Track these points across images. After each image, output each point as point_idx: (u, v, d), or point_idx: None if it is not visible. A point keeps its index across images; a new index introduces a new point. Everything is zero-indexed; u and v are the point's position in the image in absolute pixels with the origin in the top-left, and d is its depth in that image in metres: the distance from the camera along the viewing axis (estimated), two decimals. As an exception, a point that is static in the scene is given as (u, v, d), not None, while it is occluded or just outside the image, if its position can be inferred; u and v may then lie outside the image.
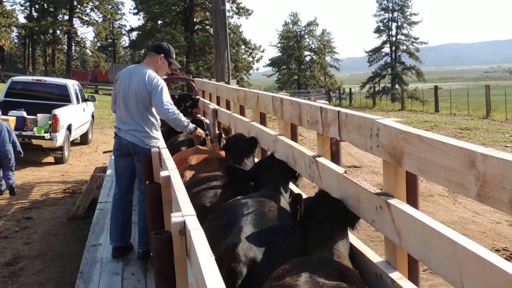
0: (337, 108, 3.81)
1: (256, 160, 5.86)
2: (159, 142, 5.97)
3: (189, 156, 5.96)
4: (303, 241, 3.39)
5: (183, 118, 6.14)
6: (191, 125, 6.22)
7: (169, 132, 7.96)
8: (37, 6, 61.04)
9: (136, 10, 62.07)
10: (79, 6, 62.17)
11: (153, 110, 6.09)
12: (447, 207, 10.17)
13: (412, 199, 3.05)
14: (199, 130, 6.17)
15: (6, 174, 11.84)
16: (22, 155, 12.70)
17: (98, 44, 69.54)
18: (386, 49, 73.20)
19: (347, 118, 3.56)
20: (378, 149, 3.10)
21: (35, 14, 60.27)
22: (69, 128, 16.27)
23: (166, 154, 4.77)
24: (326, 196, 3.66)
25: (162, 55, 6.26)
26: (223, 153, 5.88)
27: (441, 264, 2.41)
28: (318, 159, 4.12)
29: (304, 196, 3.98)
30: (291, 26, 79.41)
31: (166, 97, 6.01)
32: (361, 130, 3.31)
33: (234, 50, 57.58)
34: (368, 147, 3.23)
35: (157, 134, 6.14)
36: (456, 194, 10.85)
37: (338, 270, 2.88)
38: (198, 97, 11.11)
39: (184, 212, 2.81)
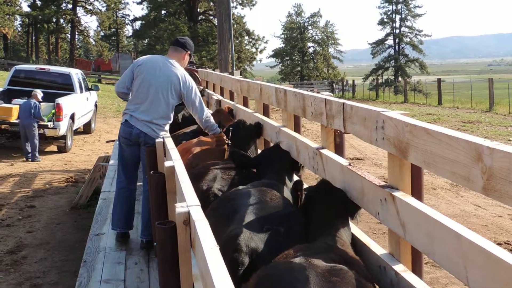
0: (342, 100, 3.80)
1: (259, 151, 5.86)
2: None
3: (192, 147, 5.97)
4: (305, 229, 3.41)
5: (213, 121, 6.25)
6: (218, 128, 6.23)
7: (179, 126, 7.91)
8: (40, -5, 60.99)
9: (139, 0, 61.95)
10: (82, -5, 62.13)
11: (173, 107, 6.15)
12: (449, 200, 10.17)
13: (416, 192, 3.05)
14: (224, 136, 6.03)
15: (30, 144, 14.61)
16: (40, 117, 14.86)
17: (102, 33, 69.44)
18: (390, 41, 72.89)
19: (352, 110, 3.55)
20: (383, 141, 3.09)
21: (38, 2, 60.13)
22: (72, 117, 16.29)
23: (170, 144, 4.77)
24: (328, 185, 3.68)
25: (189, 52, 6.40)
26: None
27: (446, 257, 2.41)
28: (322, 151, 4.12)
29: (306, 185, 3.98)
30: (294, 17, 79.14)
31: (200, 98, 6.20)
32: (366, 122, 3.31)
33: (237, 41, 57.45)
34: (373, 139, 3.23)
35: (167, 128, 6.20)
36: (459, 187, 10.85)
37: (342, 257, 2.89)
38: (201, 87, 11.09)
39: (189, 203, 2.81)
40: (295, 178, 4.93)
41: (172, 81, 5.99)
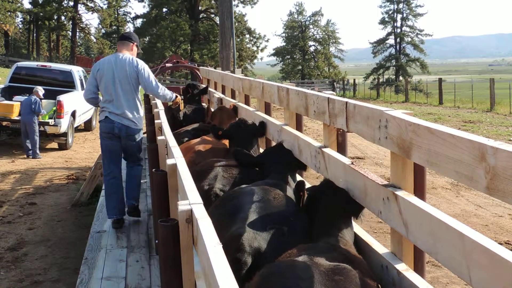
0: (345, 99, 3.80)
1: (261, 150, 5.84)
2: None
3: (194, 146, 5.97)
4: (308, 229, 3.40)
5: (168, 92, 7.19)
6: (173, 95, 7.30)
7: (180, 124, 7.93)
8: (42, -8, 60.90)
9: (141, -3, 61.94)
10: (84, -8, 62.05)
11: (138, 91, 6.93)
12: (450, 200, 10.17)
13: (419, 191, 3.05)
14: (179, 98, 7.37)
15: (30, 141, 14.57)
16: (40, 114, 14.88)
17: (103, 30, 69.39)
18: (391, 40, 72.79)
19: (355, 109, 3.55)
20: (386, 140, 3.09)
21: (40, -1, 60.13)
22: (73, 114, 16.30)
23: (172, 142, 4.76)
24: (331, 185, 3.67)
25: (136, 43, 7.13)
26: (227, 143, 5.87)
27: (449, 256, 2.41)
28: (324, 149, 4.11)
29: (308, 185, 3.97)
30: (296, 16, 79.07)
31: (152, 76, 6.95)
32: (369, 121, 3.30)
33: (238, 39, 57.43)
34: (376, 138, 3.22)
35: (142, 113, 7.07)
36: (459, 187, 10.85)
37: (345, 256, 2.90)
38: (203, 85, 11.08)
39: (191, 200, 2.80)
40: (298, 178, 4.91)
41: (127, 69, 6.72)
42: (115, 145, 6.88)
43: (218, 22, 25.67)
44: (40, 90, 15.10)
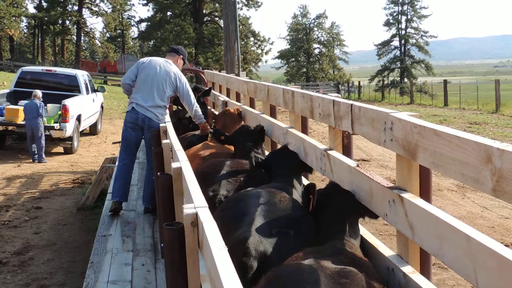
0: (350, 102, 3.79)
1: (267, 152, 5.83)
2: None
3: (199, 151, 5.96)
4: (315, 232, 3.39)
5: (200, 112, 7.54)
6: (203, 119, 7.52)
7: (177, 127, 7.95)
8: (46, -4, 61.12)
9: (145, 1, 61.97)
10: (88, -3, 62.24)
11: (169, 96, 7.51)
12: (455, 202, 10.15)
13: (425, 193, 3.04)
14: (207, 126, 7.43)
15: (36, 145, 14.62)
16: (44, 118, 14.88)
17: (107, 34, 69.63)
18: (395, 42, 72.50)
19: (360, 112, 3.54)
20: (391, 142, 3.08)
21: (44, 4, 60.30)
22: (78, 118, 16.33)
23: (177, 145, 4.76)
24: (337, 188, 3.66)
25: (181, 56, 7.98)
26: (231, 148, 5.86)
27: (455, 258, 2.40)
28: (329, 152, 4.10)
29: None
30: (300, 18, 78.95)
31: (191, 91, 7.56)
32: (375, 123, 3.30)
33: (243, 42, 57.35)
34: (382, 140, 3.22)
35: (166, 111, 7.50)
36: (465, 189, 10.83)
37: (351, 259, 2.89)
38: (206, 88, 11.09)
39: (196, 204, 2.80)
40: (304, 180, 4.90)
41: (170, 75, 7.38)
42: (136, 136, 7.44)
43: (222, 25, 25.70)
44: (40, 92, 15.07)
